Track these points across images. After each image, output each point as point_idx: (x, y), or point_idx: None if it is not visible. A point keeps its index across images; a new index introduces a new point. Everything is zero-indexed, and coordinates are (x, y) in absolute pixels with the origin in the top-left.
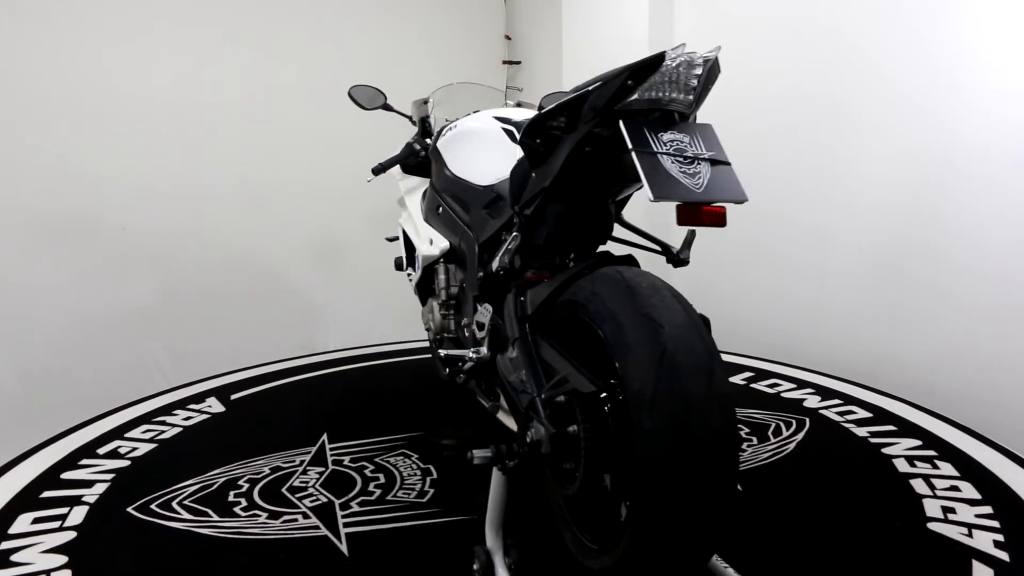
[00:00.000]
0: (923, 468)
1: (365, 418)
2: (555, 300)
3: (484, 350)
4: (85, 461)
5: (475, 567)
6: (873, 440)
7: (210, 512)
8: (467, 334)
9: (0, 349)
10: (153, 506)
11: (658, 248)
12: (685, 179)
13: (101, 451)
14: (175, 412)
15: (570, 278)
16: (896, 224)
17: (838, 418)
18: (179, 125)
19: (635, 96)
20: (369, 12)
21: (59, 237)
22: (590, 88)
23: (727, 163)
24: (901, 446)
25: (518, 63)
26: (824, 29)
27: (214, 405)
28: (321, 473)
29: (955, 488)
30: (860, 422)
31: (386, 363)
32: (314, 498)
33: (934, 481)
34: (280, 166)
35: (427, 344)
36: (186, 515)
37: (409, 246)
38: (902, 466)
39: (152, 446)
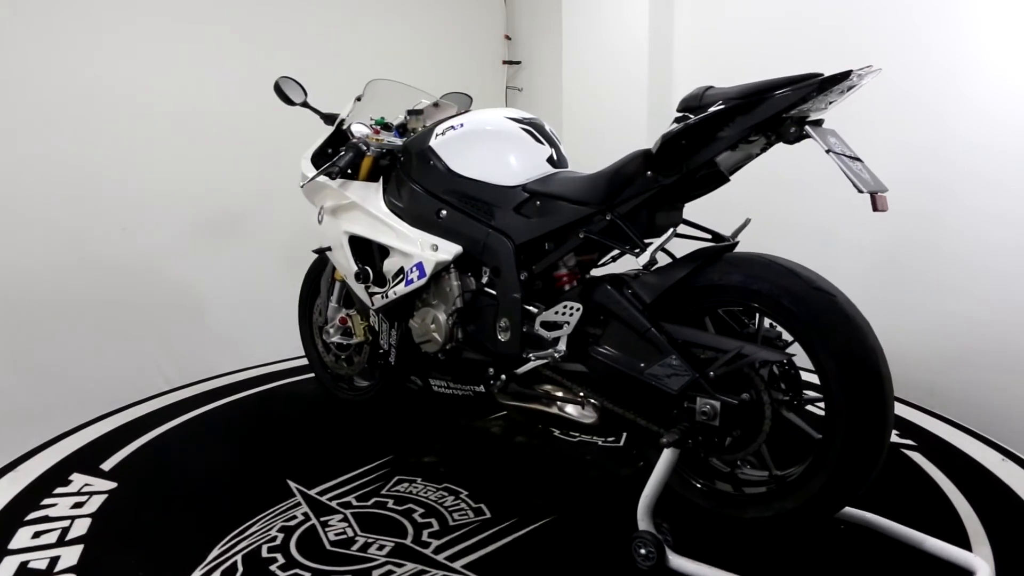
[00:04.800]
0: None
1: (312, 453)
2: (685, 287)
3: (563, 348)
4: None
5: (642, 551)
6: None
7: None
8: (504, 339)
9: None
10: None
11: (708, 236)
12: (863, 174)
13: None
14: (47, 504)
15: (695, 268)
16: (897, 223)
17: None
18: (179, 126)
19: (806, 104)
20: (368, 11)
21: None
22: (774, 94)
23: (861, 160)
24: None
25: (518, 63)
26: (824, 29)
27: (92, 482)
28: (345, 520)
29: None
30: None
31: (271, 387)
32: (377, 545)
33: None
34: (279, 166)
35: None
36: None
37: (364, 256)
38: None
39: (78, 547)
